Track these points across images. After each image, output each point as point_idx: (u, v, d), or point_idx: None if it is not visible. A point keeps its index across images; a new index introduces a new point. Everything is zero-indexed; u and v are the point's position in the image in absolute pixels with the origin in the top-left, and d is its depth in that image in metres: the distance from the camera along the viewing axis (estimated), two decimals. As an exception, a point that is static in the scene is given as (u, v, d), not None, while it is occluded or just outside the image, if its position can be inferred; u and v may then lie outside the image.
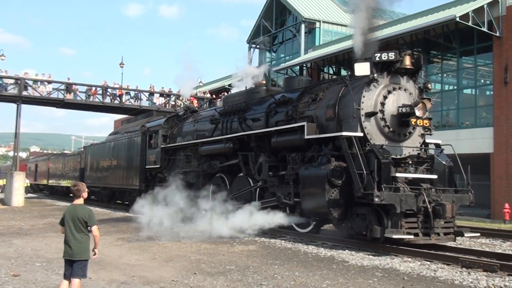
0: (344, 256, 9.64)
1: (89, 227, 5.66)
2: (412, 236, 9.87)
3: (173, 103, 30.82)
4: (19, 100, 28.25)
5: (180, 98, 30.47)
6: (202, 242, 11.56)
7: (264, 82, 16.51)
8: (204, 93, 34.11)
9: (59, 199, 34.46)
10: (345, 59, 27.97)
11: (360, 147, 10.44)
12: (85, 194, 5.80)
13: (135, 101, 31.42)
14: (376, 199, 9.67)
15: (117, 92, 30.99)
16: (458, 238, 10.77)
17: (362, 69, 10.89)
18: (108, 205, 25.21)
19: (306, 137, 11.72)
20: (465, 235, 10.61)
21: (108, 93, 30.69)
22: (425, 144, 11.82)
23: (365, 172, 10.03)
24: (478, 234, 11.42)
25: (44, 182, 42.35)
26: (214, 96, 33.26)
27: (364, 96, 10.97)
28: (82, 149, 32.56)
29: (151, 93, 32.01)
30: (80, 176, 29.66)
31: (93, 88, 30.47)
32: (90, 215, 5.70)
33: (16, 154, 31.69)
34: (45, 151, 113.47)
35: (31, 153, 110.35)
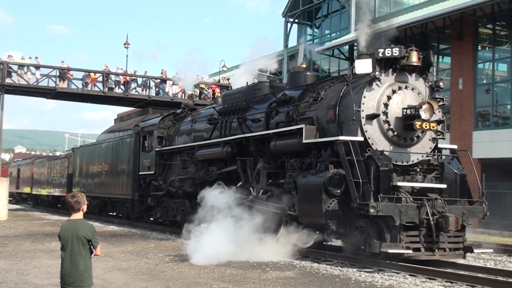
0: (406, 287, 9.91)
1: (91, 247, 5.93)
2: (410, 251, 11.46)
3: (190, 92, 30.60)
4: (1, 89, 28.39)
5: (200, 86, 30.81)
6: (226, 267, 11.92)
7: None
8: (228, 80, 33.96)
9: (48, 211, 35.94)
10: (408, 36, 26.51)
11: (359, 153, 12.07)
12: (84, 207, 6.06)
13: (143, 90, 31.71)
14: (372, 210, 11.26)
15: (121, 79, 31.03)
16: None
17: (363, 66, 12.53)
18: (108, 219, 26.78)
19: (304, 141, 13.40)
20: (475, 251, 12.14)
21: (110, 81, 30.78)
22: (438, 150, 13.36)
23: (361, 181, 11.66)
24: (491, 250, 12.91)
25: (27, 190, 44.80)
26: None
27: (365, 97, 12.59)
28: (71, 151, 34.64)
29: (163, 80, 32.20)
30: (68, 183, 31.95)
31: (92, 74, 30.67)
32: (94, 233, 5.96)
33: (-3, 155, 32.18)
34: (32, 152, 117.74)
35: (15, 154, 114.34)
